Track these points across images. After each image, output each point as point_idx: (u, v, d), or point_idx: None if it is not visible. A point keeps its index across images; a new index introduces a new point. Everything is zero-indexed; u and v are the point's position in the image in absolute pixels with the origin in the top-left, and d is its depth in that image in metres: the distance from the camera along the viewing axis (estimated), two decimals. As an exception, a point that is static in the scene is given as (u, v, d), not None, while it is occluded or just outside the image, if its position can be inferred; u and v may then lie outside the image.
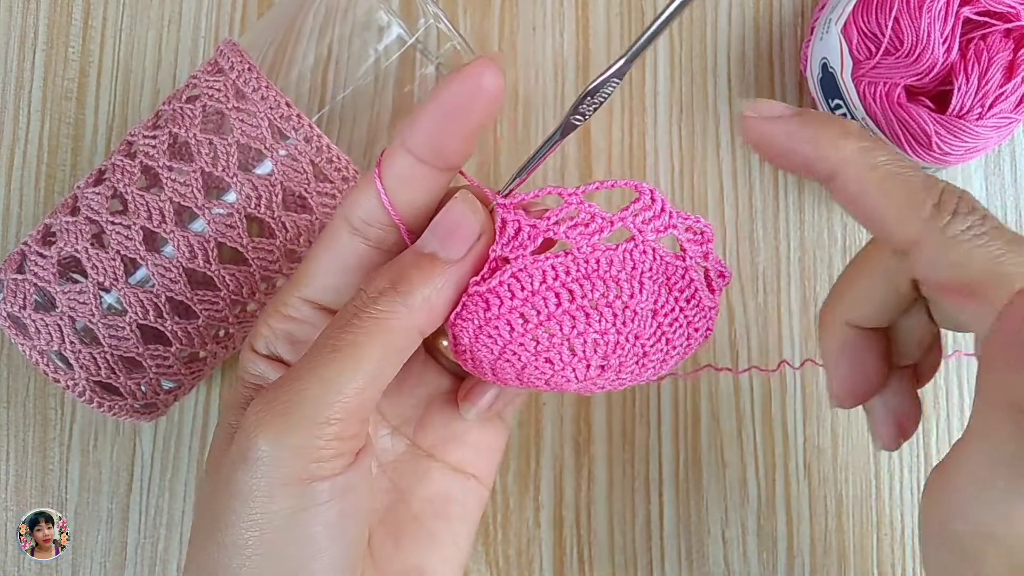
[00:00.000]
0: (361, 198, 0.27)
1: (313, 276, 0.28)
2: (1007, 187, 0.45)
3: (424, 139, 0.26)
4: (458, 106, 0.26)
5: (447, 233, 0.27)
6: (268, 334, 0.29)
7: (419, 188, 0.27)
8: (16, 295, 0.36)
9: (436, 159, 0.27)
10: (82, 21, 0.45)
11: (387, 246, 0.28)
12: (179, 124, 0.35)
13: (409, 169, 0.27)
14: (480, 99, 0.26)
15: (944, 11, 0.39)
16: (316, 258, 0.28)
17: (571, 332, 0.28)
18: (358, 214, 0.27)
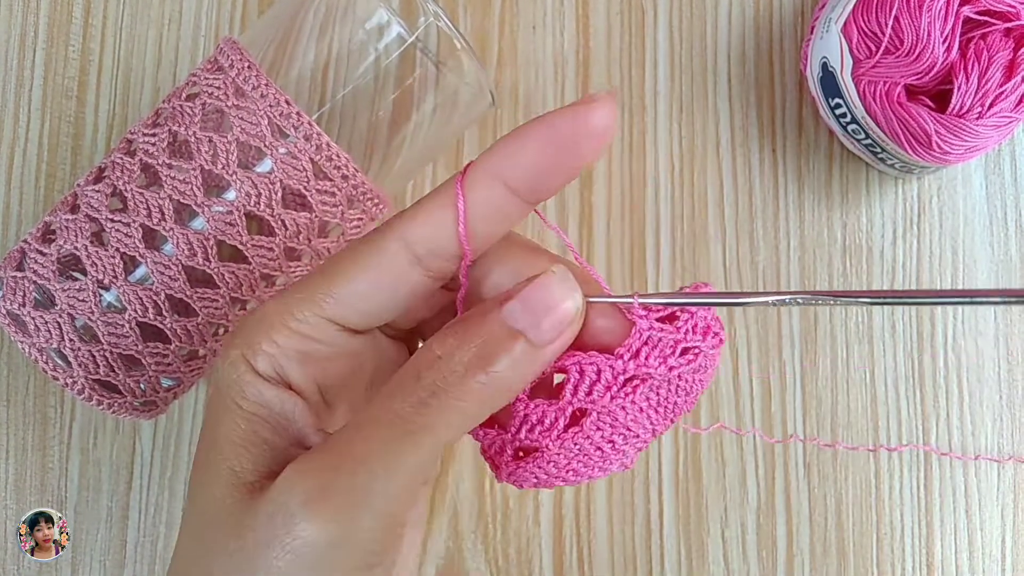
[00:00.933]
0: (432, 225, 0.24)
1: (344, 296, 0.25)
2: (1007, 186, 0.45)
3: (526, 170, 0.24)
4: (568, 139, 0.23)
5: (543, 312, 0.24)
6: (275, 352, 0.25)
7: (500, 221, 0.25)
8: (16, 293, 0.36)
9: (531, 194, 0.24)
10: (82, 20, 0.45)
11: (444, 278, 0.26)
12: (179, 122, 0.35)
13: (498, 200, 0.24)
14: (592, 137, 0.23)
15: (944, 10, 0.39)
16: (351, 278, 0.25)
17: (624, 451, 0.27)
18: (426, 245, 0.24)
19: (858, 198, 0.45)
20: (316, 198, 0.35)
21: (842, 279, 0.44)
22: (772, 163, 0.45)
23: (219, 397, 0.25)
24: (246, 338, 0.25)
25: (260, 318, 0.25)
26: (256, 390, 0.25)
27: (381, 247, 0.25)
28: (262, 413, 0.25)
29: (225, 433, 0.25)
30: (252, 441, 0.25)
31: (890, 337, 0.44)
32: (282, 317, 0.25)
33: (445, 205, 0.24)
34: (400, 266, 0.25)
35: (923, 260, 0.45)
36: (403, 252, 0.25)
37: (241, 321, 0.27)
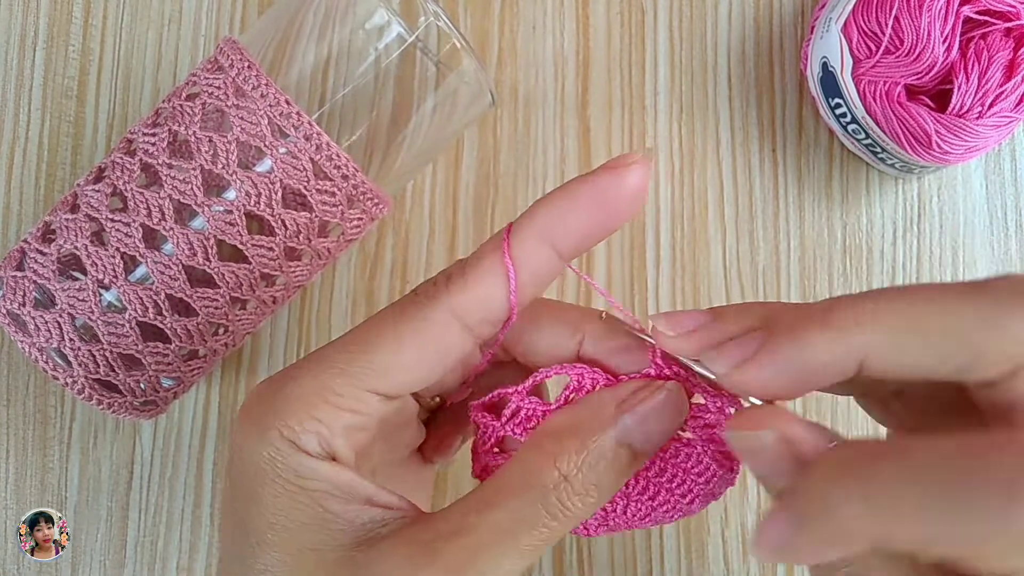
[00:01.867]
0: (485, 295, 0.25)
1: (386, 367, 0.25)
2: (1007, 186, 0.45)
3: (573, 235, 0.24)
4: (611, 199, 0.24)
5: (655, 431, 0.25)
6: (320, 430, 0.24)
7: (545, 280, 0.25)
8: (16, 292, 0.36)
9: (573, 252, 0.25)
10: (82, 19, 0.45)
11: (487, 340, 0.26)
12: (179, 122, 0.35)
13: (545, 261, 0.25)
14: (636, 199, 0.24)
15: (944, 10, 0.39)
16: (395, 349, 0.25)
17: None
18: (478, 314, 0.25)
19: (858, 198, 0.45)
20: (316, 198, 0.35)
21: (842, 279, 0.44)
22: (772, 163, 0.45)
23: (262, 480, 0.24)
24: (283, 416, 0.24)
25: (297, 394, 0.25)
26: (310, 469, 0.24)
27: (430, 319, 0.25)
28: (325, 488, 0.24)
29: (288, 514, 0.24)
30: (324, 516, 0.24)
31: (890, 337, 0.44)
32: (322, 393, 0.25)
33: (494, 272, 0.25)
34: (450, 336, 0.25)
35: (923, 260, 0.45)
36: (453, 322, 0.25)
37: (267, 393, 0.26)
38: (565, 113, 0.45)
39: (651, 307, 0.44)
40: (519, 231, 0.25)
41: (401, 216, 0.44)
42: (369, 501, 0.25)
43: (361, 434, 0.26)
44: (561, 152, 0.45)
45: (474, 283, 0.25)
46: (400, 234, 0.44)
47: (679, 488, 0.27)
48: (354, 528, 0.24)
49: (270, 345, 0.43)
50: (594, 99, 0.45)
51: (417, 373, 0.25)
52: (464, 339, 0.25)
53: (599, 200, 0.24)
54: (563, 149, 0.45)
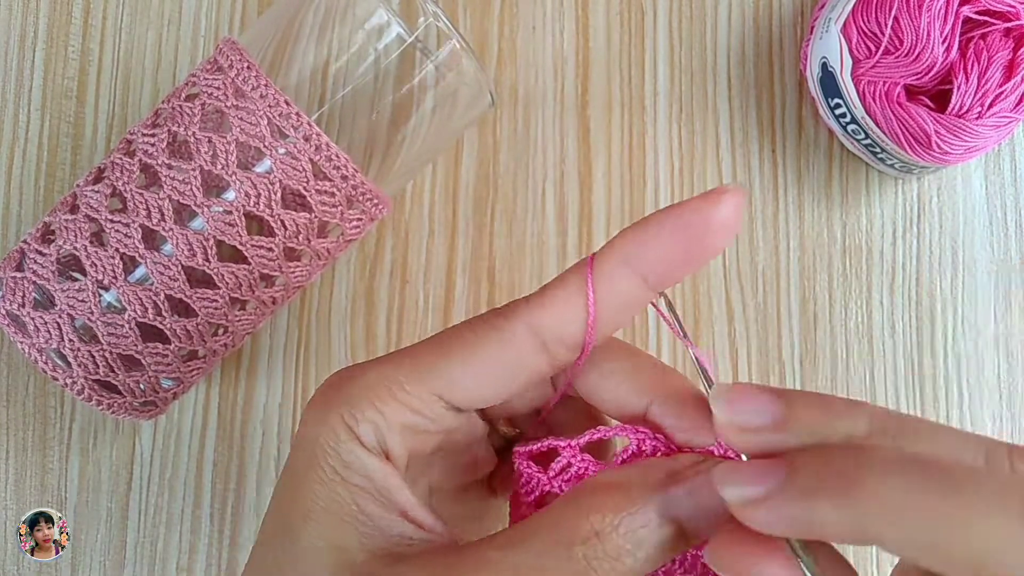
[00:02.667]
0: (564, 315, 0.24)
1: (459, 376, 0.25)
2: (1007, 186, 0.45)
3: (657, 260, 0.24)
4: (699, 230, 0.23)
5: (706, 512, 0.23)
6: (379, 422, 0.24)
7: (627, 310, 0.25)
8: (15, 293, 0.36)
9: (659, 283, 0.24)
10: (82, 20, 0.45)
11: (563, 367, 0.25)
12: (178, 122, 0.35)
13: (628, 289, 0.24)
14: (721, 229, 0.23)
15: (944, 10, 0.39)
16: (470, 359, 0.25)
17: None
18: (554, 332, 0.24)
19: (858, 198, 0.45)
20: (315, 198, 0.35)
21: (842, 279, 0.44)
22: (772, 163, 0.45)
23: (313, 462, 0.24)
24: (348, 402, 0.24)
25: (366, 383, 0.25)
26: (359, 459, 0.24)
27: (507, 332, 0.24)
28: (365, 485, 0.24)
29: (325, 506, 0.24)
30: (356, 515, 0.24)
31: (890, 337, 0.44)
32: (390, 387, 0.25)
33: (576, 293, 0.24)
34: (525, 352, 0.24)
35: (923, 260, 0.45)
36: (530, 339, 0.24)
37: (337, 382, 0.26)
38: (565, 113, 0.45)
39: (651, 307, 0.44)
40: (603, 256, 0.24)
41: (401, 216, 0.44)
42: (404, 514, 0.24)
43: (420, 437, 0.25)
44: (561, 152, 0.45)
45: (552, 302, 0.24)
46: (400, 234, 0.44)
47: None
48: (383, 537, 0.24)
49: (270, 345, 0.43)
50: (594, 99, 0.45)
51: (486, 386, 0.25)
52: (538, 359, 0.25)
53: (687, 230, 0.23)
54: (563, 149, 0.45)
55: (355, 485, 0.24)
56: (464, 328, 0.25)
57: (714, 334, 0.44)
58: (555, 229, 0.44)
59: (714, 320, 0.44)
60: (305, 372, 0.43)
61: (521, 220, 0.44)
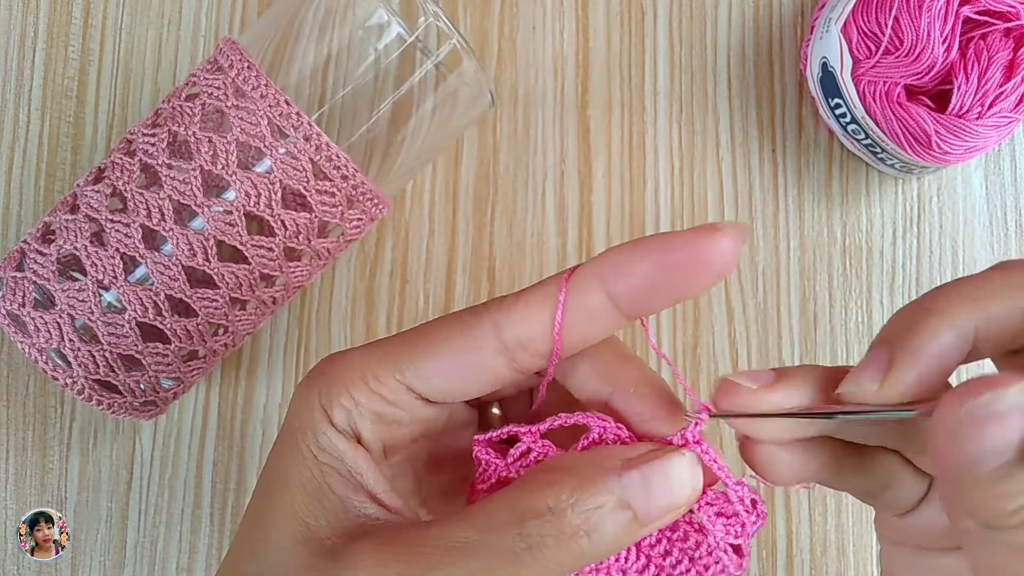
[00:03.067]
0: (528, 319, 0.24)
1: (426, 368, 0.25)
2: (1007, 186, 0.45)
3: (632, 286, 0.24)
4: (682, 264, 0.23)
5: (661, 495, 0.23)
6: (351, 408, 0.25)
7: (597, 328, 0.25)
8: (15, 293, 0.36)
9: (632, 309, 0.24)
10: (82, 20, 0.45)
11: (527, 373, 0.25)
12: (178, 122, 0.35)
13: (600, 309, 0.24)
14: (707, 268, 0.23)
15: (944, 10, 0.39)
16: (435, 352, 0.25)
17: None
18: (517, 336, 0.24)
19: (858, 198, 0.45)
20: (316, 198, 0.35)
21: (842, 279, 0.44)
22: (772, 163, 0.45)
23: (292, 440, 0.25)
24: (327, 385, 0.25)
25: (344, 370, 0.25)
26: (329, 440, 0.25)
27: (473, 328, 0.25)
28: (335, 465, 0.25)
29: (297, 479, 0.25)
30: (325, 493, 0.24)
31: (890, 337, 0.44)
32: (363, 375, 0.25)
33: (545, 303, 0.24)
34: (487, 352, 0.25)
35: (923, 260, 0.45)
36: (492, 338, 0.25)
37: (326, 361, 0.27)
38: (565, 113, 0.45)
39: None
40: (582, 271, 0.24)
41: (401, 216, 0.44)
42: (373, 497, 0.25)
43: (393, 428, 0.26)
44: (561, 152, 0.45)
45: (522, 307, 0.25)
46: (400, 234, 0.44)
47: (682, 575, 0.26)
48: (349, 516, 0.24)
49: (270, 345, 0.43)
50: (594, 99, 0.45)
51: (451, 381, 0.25)
52: (498, 360, 0.25)
53: (665, 260, 0.23)
54: (563, 149, 0.45)
55: (326, 464, 0.25)
56: (439, 322, 0.26)
57: (714, 334, 0.44)
58: (555, 229, 0.44)
59: (714, 320, 0.44)
60: (305, 372, 0.43)
61: (521, 220, 0.44)
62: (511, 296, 0.25)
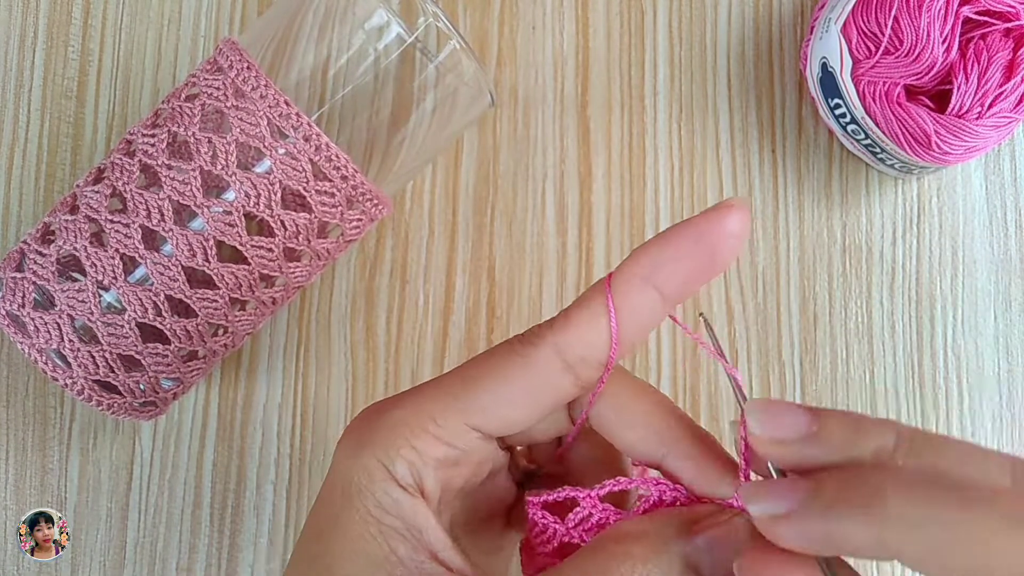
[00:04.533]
0: (588, 336, 0.25)
1: (490, 403, 0.25)
2: (1007, 186, 0.45)
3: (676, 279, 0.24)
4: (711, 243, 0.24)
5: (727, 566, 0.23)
6: (414, 459, 0.24)
7: (648, 325, 0.25)
8: (15, 293, 0.36)
9: (677, 296, 0.25)
10: (82, 20, 0.45)
11: (589, 384, 0.26)
12: (178, 123, 0.35)
13: (646, 306, 0.25)
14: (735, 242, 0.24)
15: (944, 10, 0.39)
16: (499, 385, 0.25)
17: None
18: (579, 352, 0.25)
19: (858, 198, 0.45)
20: (315, 199, 0.35)
21: (842, 279, 0.44)
22: (772, 163, 0.45)
23: (346, 502, 0.25)
24: (383, 440, 0.25)
25: (399, 421, 0.25)
26: (393, 500, 0.24)
27: (533, 356, 0.25)
28: (398, 526, 0.24)
29: (354, 545, 0.24)
30: (387, 557, 0.24)
31: (890, 337, 0.44)
32: (422, 422, 0.25)
33: (598, 313, 0.25)
34: (551, 374, 0.25)
35: (923, 260, 0.45)
36: (555, 360, 0.25)
37: (368, 418, 0.26)
38: (564, 113, 0.45)
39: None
40: (621, 274, 0.25)
41: (401, 216, 0.44)
42: (434, 555, 0.25)
43: (453, 471, 0.26)
44: (561, 152, 0.45)
45: (576, 322, 0.25)
46: (400, 234, 0.44)
47: None
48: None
49: (270, 346, 0.43)
50: (594, 99, 0.45)
51: (516, 410, 0.25)
52: (564, 379, 0.25)
53: (699, 243, 0.24)
54: (563, 149, 0.45)
55: (388, 526, 0.24)
56: (492, 356, 0.26)
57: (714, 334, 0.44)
58: (555, 229, 0.44)
59: (714, 320, 0.44)
60: (305, 372, 0.43)
61: (521, 220, 0.44)
62: (559, 318, 0.26)
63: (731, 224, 0.24)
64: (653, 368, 0.44)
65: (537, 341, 0.25)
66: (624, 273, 0.25)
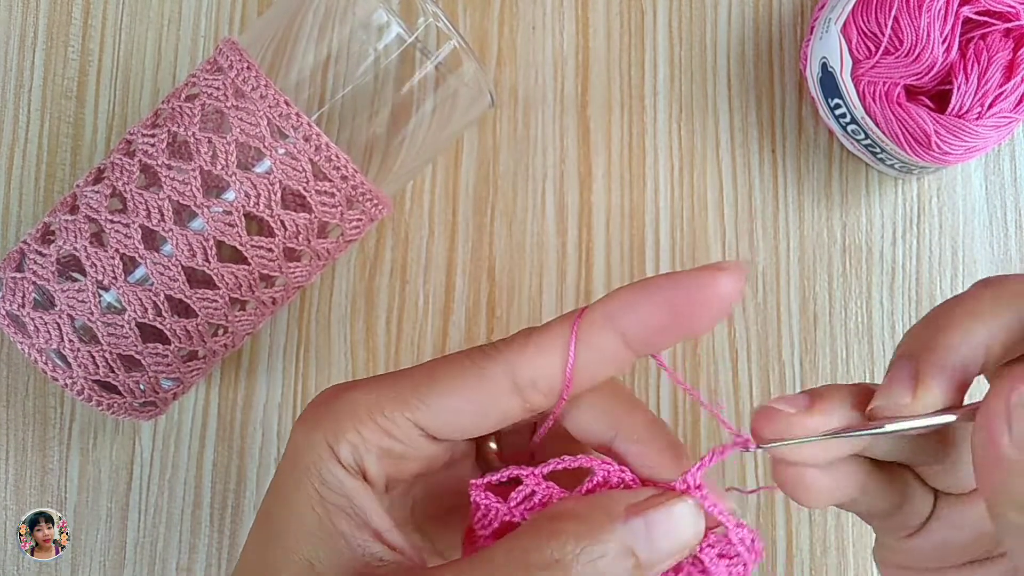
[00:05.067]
0: (542, 362, 0.25)
1: (436, 406, 0.25)
2: (1007, 187, 0.45)
3: (643, 325, 0.24)
4: (690, 303, 0.24)
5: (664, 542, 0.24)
6: (359, 444, 0.25)
7: (606, 367, 0.25)
8: (15, 293, 0.36)
9: (643, 347, 0.25)
10: (82, 20, 0.45)
11: (536, 411, 0.26)
12: (178, 123, 0.35)
13: (610, 348, 0.25)
14: (716, 307, 0.24)
15: (944, 10, 0.39)
16: (448, 392, 0.25)
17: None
18: (530, 377, 0.25)
19: (858, 198, 0.45)
20: (315, 199, 0.35)
21: (842, 279, 0.44)
22: (772, 163, 0.45)
23: (295, 477, 0.25)
24: (332, 422, 0.25)
25: (349, 407, 0.25)
26: (337, 480, 0.25)
27: (485, 369, 0.25)
28: (342, 504, 0.25)
29: (300, 518, 0.25)
30: (330, 532, 0.24)
31: (890, 337, 0.44)
32: (371, 411, 0.25)
33: (556, 343, 0.25)
34: (500, 392, 0.25)
35: (923, 260, 0.45)
36: (506, 379, 0.25)
37: (326, 399, 0.27)
38: (564, 113, 0.45)
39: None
40: (591, 312, 0.25)
41: (401, 216, 0.44)
42: (377, 535, 0.25)
43: (398, 463, 0.26)
44: (560, 152, 0.45)
45: (535, 348, 0.25)
46: (400, 234, 0.44)
47: None
48: (354, 556, 0.24)
49: (270, 346, 0.43)
50: (594, 99, 0.45)
51: (462, 419, 0.25)
52: (511, 401, 0.25)
53: (677, 299, 0.24)
54: (563, 149, 0.45)
55: (332, 504, 0.24)
56: (449, 360, 0.26)
57: (714, 334, 0.44)
58: (555, 229, 0.44)
59: (714, 320, 0.44)
60: (305, 372, 0.43)
61: (521, 220, 0.44)
62: (520, 336, 0.26)
63: (716, 288, 0.24)
64: (653, 364, 0.44)
65: (494, 355, 0.25)
66: (595, 311, 0.25)
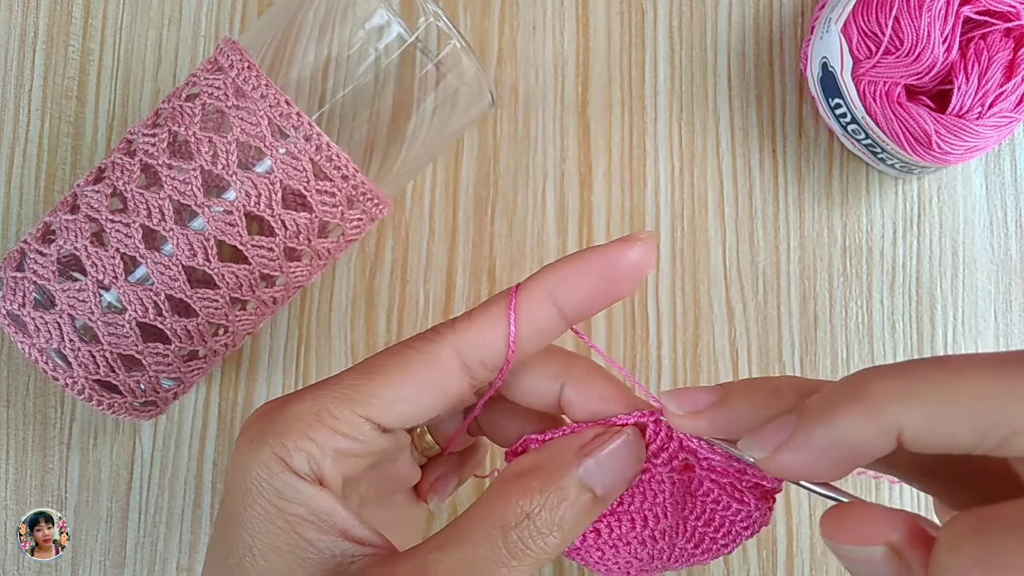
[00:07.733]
0: (487, 339, 0.26)
1: (388, 398, 0.26)
2: (1007, 186, 0.45)
3: (577, 295, 0.26)
4: (614, 271, 0.26)
5: (615, 473, 0.26)
6: (311, 450, 0.25)
7: (545, 336, 0.27)
8: (16, 293, 0.36)
9: (576, 316, 0.27)
10: (82, 20, 0.45)
11: (482, 385, 0.27)
12: (179, 122, 0.35)
13: (548, 319, 0.26)
14: (631, 271, 0.26)
15: (944, 10, 0.39)
16: (398, 382, 0.26)
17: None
18: (479, 354, 0.26)
19: (858, 198, 0.45)
20: (316, 198, 0.35)
21: (842, 279, 0.44)
22: (772, 163, 0.45)
23: (248, 499, 0.25)
24: (278, 434, 0.25)
25: (294, 417, 0.26)
26: (295, 490, 0.25)
27: (433, 354, 0.26)
28: (303, 513, 0.25)
29: (265, 539, 0.25)
30: (298, 543, 0.25)
31: (890, 337, 0.44)
32: (319, 415, 0.26)
33: (498, 321, 0.26)
34: (449, 373, 0.26)
35: (923, 260, 0.45)
36: (454, 360, 0.26)
37: (264, 415, 0.27)
38: (565, 113, 0.45)
39: (651, 307, 0.44)
40: (527, 287, 0.27)
41: (401, 216, 0.44)
42: (344, 534, 0.25)
43: (352, 461, 0.26)
44: (561, 152, 0.45)
45: (478, 327, 0.26)
46: (400, 234, 0.44)
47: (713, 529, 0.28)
48: (324, 559, 0.25)
49: (270, 345, 0.43)
50: (594, 99, 0.45)
51: (415, 407, 0.26)
52: (461, 379, 0.27)
53: (602, 269, 0.26)
54: (563, 149, 0.45)
55: (292, 515, 0.25)
56: (394, 353, 0.27)
57: (714, 334, 0.44)
58: (555, 229, 0.44)
59: (714, 320, 0.44)
60: (305, 372, 0.43)
61: (521, 220, 0.45)
62: (462, 319, 0.27)
63: (633, 255, 0.26)
64: (654, 363, 0.44)
65: (438, 339, 0.26)
66: (529, 286, 0.26)
